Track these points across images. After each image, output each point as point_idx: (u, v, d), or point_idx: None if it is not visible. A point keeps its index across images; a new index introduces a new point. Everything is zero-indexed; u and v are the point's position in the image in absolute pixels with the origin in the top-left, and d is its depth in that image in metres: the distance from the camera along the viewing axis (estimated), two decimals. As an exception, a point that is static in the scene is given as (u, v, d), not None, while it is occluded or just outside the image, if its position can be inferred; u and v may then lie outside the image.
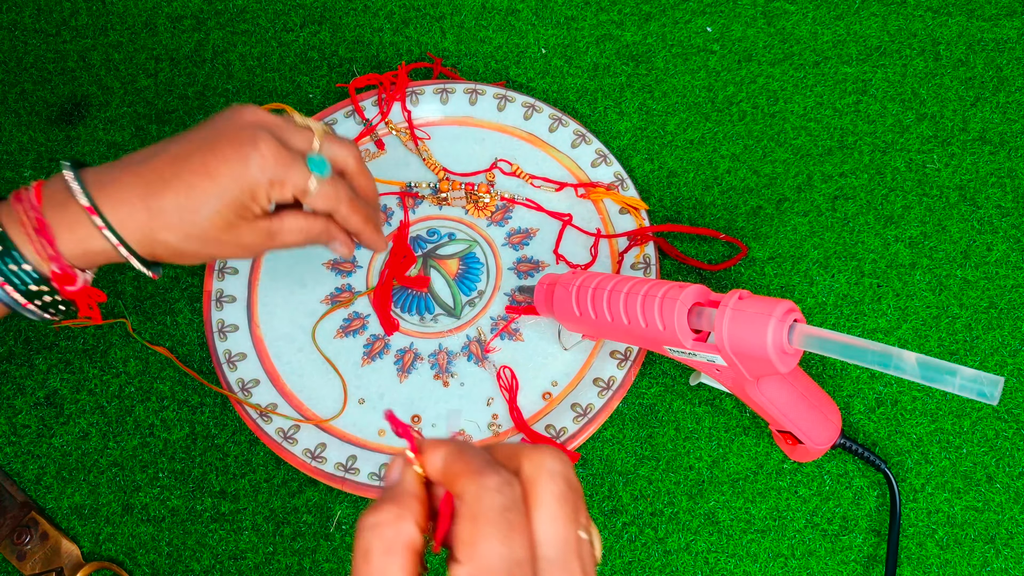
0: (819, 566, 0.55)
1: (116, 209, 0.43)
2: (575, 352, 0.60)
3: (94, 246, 0.43)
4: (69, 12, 0.74)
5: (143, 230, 0.43)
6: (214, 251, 0.45)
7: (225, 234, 0.45)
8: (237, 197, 0.44)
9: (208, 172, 0.43)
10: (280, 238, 0.47)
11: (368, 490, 0.55)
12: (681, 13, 0.73)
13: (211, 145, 0.44)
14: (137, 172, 0.43)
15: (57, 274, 0.43)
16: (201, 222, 0.44)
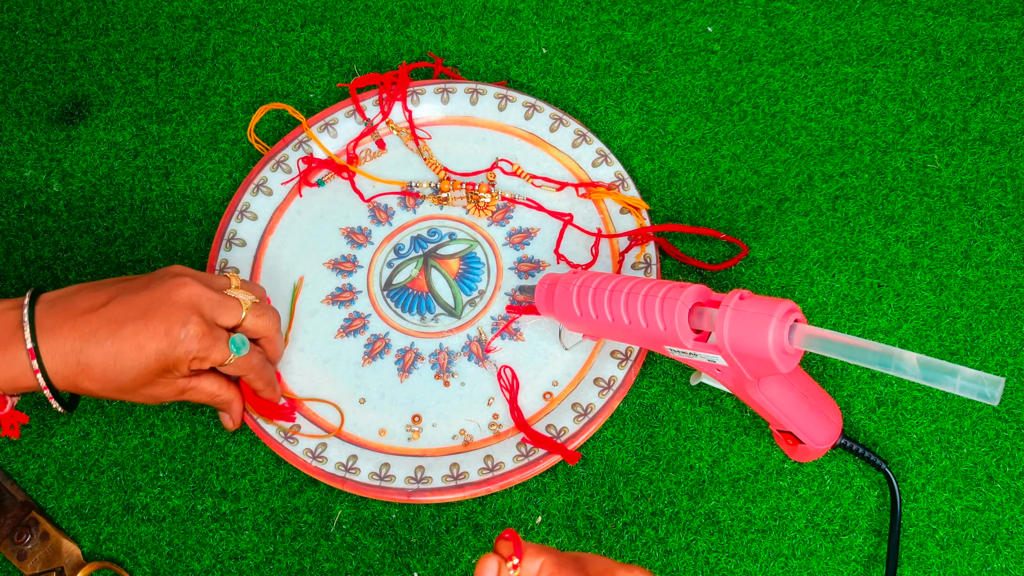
0: (819, 566, 0.55)
1: (53, 356, 0.48)
2: (576, 352, 0.60)
3: (24, 382, 0.48)
4: (70, 12, 0.74)
5: (71, 376, 0.49)
6: (128, 399, 0.51)
7: (142, 388, 0.50)
8: (160, 366, 0.49)
9: (138, 343, 0.48)
10: (189, 394, 0.53)
11: (368, 490, 0.55)
12: (682, 13, 0.73)
13: (145, 318, 0.49)
14: (75, 326, 0.48)
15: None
16: (121, 379, 0.49)
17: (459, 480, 0.56)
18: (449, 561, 0.55)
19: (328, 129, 0.67)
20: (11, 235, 0.65)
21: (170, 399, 0.52)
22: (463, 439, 0.58)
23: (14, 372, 0.48)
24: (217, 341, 0.50)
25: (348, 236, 0.64)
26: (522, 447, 0.57)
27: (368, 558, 0.55)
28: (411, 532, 0.56)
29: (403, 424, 0.58)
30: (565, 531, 0.56)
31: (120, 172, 0.67)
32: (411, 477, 0.56)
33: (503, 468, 0.56)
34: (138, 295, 0.50)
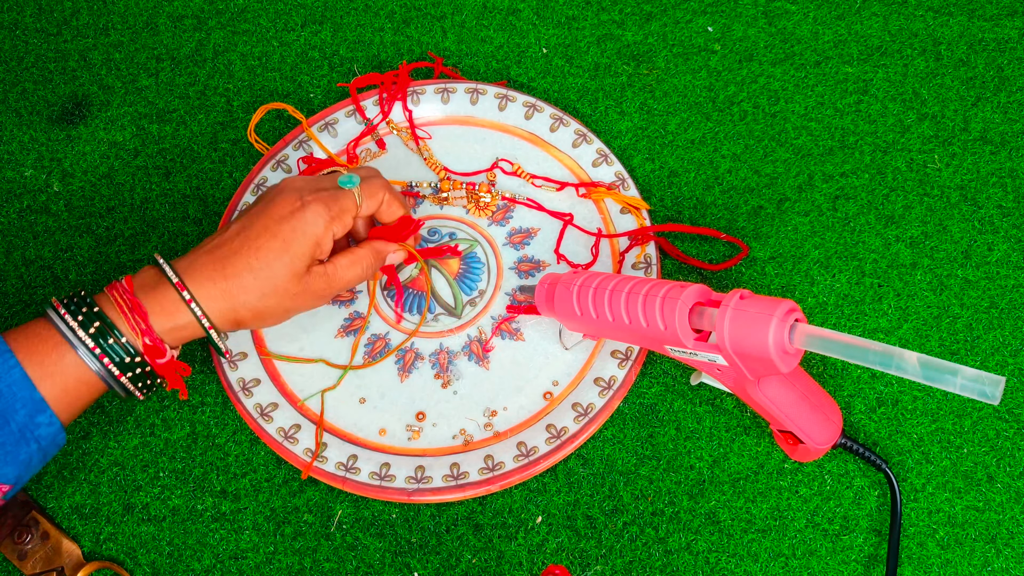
0: (820, 566, 0.55)
1: (200, 285, 0.49)
2: (576, 352, 0.60)
3: (180, 321, 0.49)
4: (70, 11, 0.74)
5: (224, 298, 0.49)
6: (288, 304, 0.51)
7: (296, 284, 0.51)
8: (303, 247, 0.50)
9: (272, 233, 0.50)
10: (339, 276, 0.53)
11: (369, 490, 0.55)
12: (682, 13, 0.73)
13: (270, 217, 0.50)
14: (210, 252, 0.50)
15: (148, 346, 0.48)
16: (273, 277, 0.50)
17: (459, 480, 0.56)
18: (449, 561, 0.55)
19: (328, 129, 0.67)
20: (11, 235, 0.65)
21: (327, 291, 0.52)
22: (463, 439, 0.58)
23: (168, 310, 0.48)
24: (336, 192, 0.52)
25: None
26: (522, 447, 0.57)
27: (368, 558, 0.55)
28: (411, 532, 0.56)
29: (403, 424, 0.58)
30: (565, 531, 0.56)
31: (120, 172, 0.67)
32: (411, 477, 0.56)
33: (503, 468, 0.56)
34: (251, 208, 0.52)
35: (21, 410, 0.45)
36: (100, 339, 0.47)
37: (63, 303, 0.48)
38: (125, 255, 0.64)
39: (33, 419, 0.46)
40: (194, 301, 0.49)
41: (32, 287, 0.63)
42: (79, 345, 0.47)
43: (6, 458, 0.45)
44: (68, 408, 0.48)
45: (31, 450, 0.46)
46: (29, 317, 0.62)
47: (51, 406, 0.46)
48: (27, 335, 0.47)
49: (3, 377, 0.45)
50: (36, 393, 0.46)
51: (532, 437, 0.57)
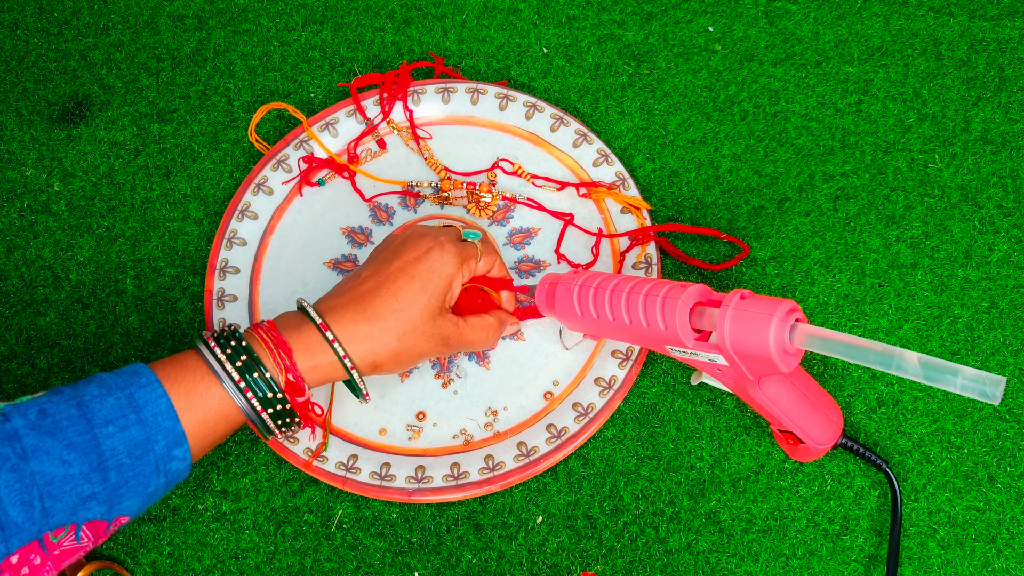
0: (820, 566, 0.55)
1: (342, 326, 0.49)
2: (576, 352, 0.60)
3: (322, 361, 0.49)
4: (71, 11, 0.74)
5: (366, 340, 0.50)
6: (423, 346, 0.52)
7: (431, 326, 0.51)
8: (438, 287, 0.51)
9: (409, 275, 0.51)
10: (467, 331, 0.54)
11: (369, 489, 0.55)
12: (683, 13, 0.73)
13: (401, 255, 0.52)
14: (350, 296, 0.51)
15: (290, 383, 0.48)
16: (412, 318, 0.50)
17: (460, 480, 0.56)
18: (450, 561, 0.55)
19: (329, 128, 0.67)
20: (12, 234, 0.65)
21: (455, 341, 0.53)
22: (463, 439, 0.58)
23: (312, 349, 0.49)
24: (462, 243, 0.54)
25: (349, 235, 0.64)
26: (523, 447, 0.57)
27: (369, 558, 0.55)
28: (412, 532, 0.56)
29: (404, 424, 0.58)
30: (566, 531, 0.56)
31: (121, 171, 0.67)
32: (412, 477, 0.56)
33: (504, 468, 0.56)
34: (383, 253, 0.53)
35: (161, 441, 0.45)
36: (246, 373, 0.47)
37: (213, 337, 0.48)
38: (126, 255, 0.64)
39: (170, 451, 0.45)
40: (337, 341, 0.49)
41: (33, 287, 0.63)
42: (225, 378, 0.47)
43: (137, 488, 0.45)
44: (201, 443, 0.47)
45: (159, 484, 0.46)
46: (31, 317, 0.62)
47: (188, 439, 0.46)
48: (175, 366, 0.47)
49: (150, 405, 0.45)
50: (179, 425, 0.45)
51: (532, 437, 0.57)
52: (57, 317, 0.62)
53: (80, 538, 0.43)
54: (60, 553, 0.43)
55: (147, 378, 0.45)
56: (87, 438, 0.43)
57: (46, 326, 0.62)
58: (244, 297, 0.62)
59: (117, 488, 0.43)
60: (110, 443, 0.43)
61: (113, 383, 0.45)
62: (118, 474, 0.43)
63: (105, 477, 0.43)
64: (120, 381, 0.45)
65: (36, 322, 0.62)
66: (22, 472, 0.41)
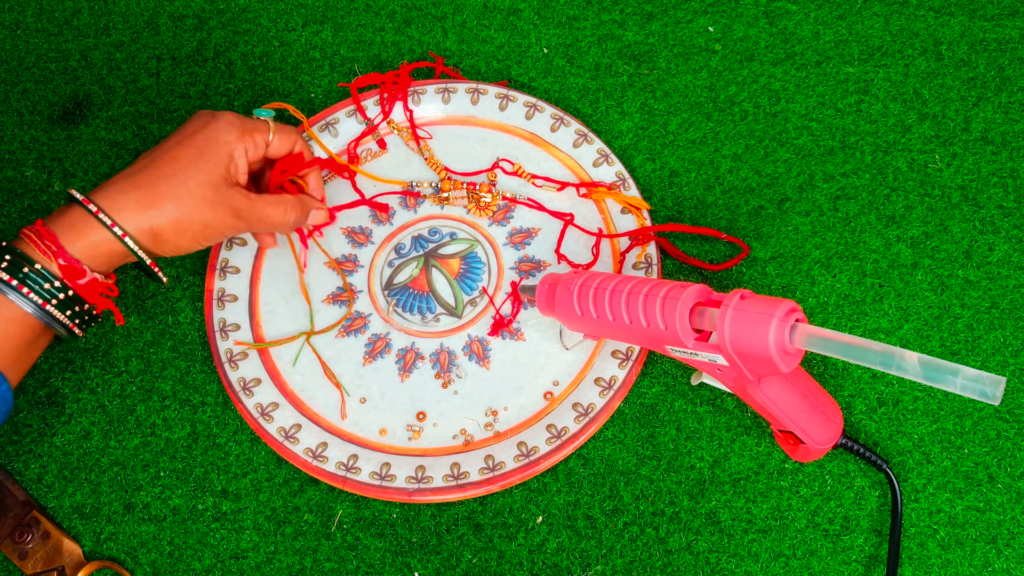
0: (820, 566, 0.55)
1: (111, 199, 0.48)
2: (576, 352, 0.60)
3: (94, 238, 0.47)
4: (71, 11, 0.74)
5: (137, 208, 0.48)
6: (208, 215, 0.50)
7: (213, 193, 0.50)
8: (216, 155, 0.50)
9: (184, 145, 0.50)
10: (260, 205, 0.52)
11: (369, 489, 0.56)
12: (683, 13, 0.73)
13: (184, 133, 0.51)
14: (126, 174, 0.49)
15: (64, 267, 0.46)
16: (188, 182, 0.49)
17: (460, 480, 0.56)
18: (450, 561, 0.55)
19: (329, 129, 0.67)
20: (12, 235, 0.65)
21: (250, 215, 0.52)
22: (464, 439, 0.58)
23: (83, 234, 0.47)
24: (249, 120, 0.53)
25: (349, 235, 0.64)
26: (523, 447, 0.57)
27: (369, 558, 0.55)
28: (412, 532, 0.56)
29: (404, 424, 0.58)
30: (566, 531, 0.56)
31: (121, 172, 0.67)
32: (412, 477, 0.56)
33: (504, 468, 0.56)
34: (171, 136, 0.52)
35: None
36: (16, 272, 0.45)
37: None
38: (126, 255, 0.64)
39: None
40: (103, 212, 0.47)
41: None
42: (10, 292, 0.46)
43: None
44: (10, 361, 0.46)
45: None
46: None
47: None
48: None
49: None
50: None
51: (532, 437, 0.57)
52: (57, 317, 0.62)
53: None
54: None
55: None
56: None
57: (46, 326, 0.62)
58: (244, 297, 0.62)
59: None
60: None
61: None
62: None
63: None
64: None
65: (36, 322, 0.62)
66: None
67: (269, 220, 0.53)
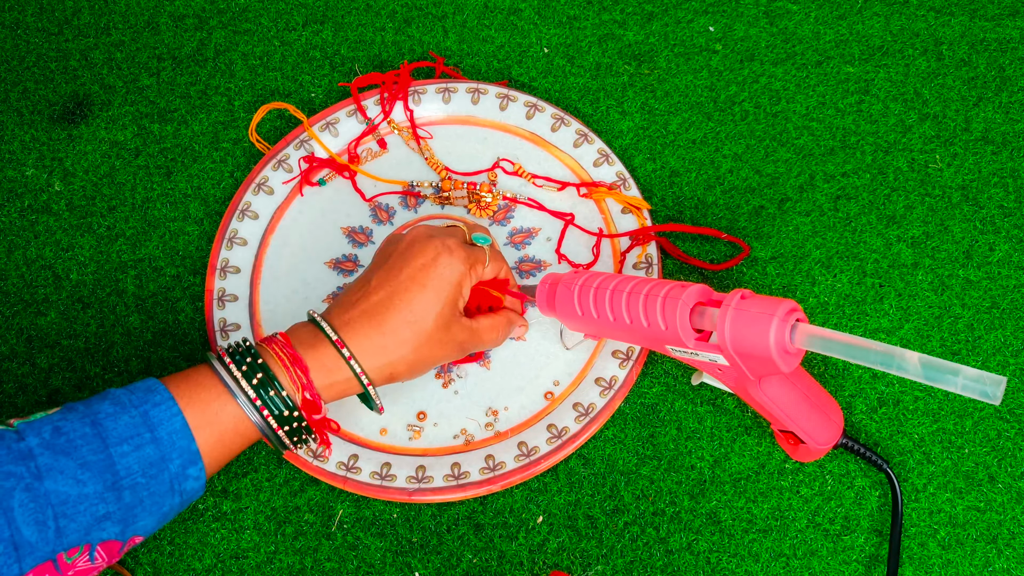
0: (821, 566, 0.55)
1: (358, 343, 0.49)
2: (577, 352, 0.60)
3: (338, 377, 0.49)
4: (71, 11, 0.74)
5: (382, 354, 0.49)
6: (437, 353, 0.51)
7: (445, 334, 0.51)
8: (450, 294, 0.51)
9: (420, 283, 0.50)
10: (481, 333, 0.54)
11: (370, 489, 0.55)
12: (683, 13, 0.73)
13: (409, 262, 0.51)
14: (362, 308, 0.50)
15: (308, 401, 0.48)
16: (427, 328, 0.50)
17: (460, 480, 0.56)
18: (450, 561, 0.55)
19: (329, 128, 0.67)
20: (12, 234, 0.65)
21: (469, 344, 0.53)
22: (464, 439, 0.58)
23: (327, 367, 0.48)
24: (470, 247, 0.53)
25: (349, 235, 0.64)
26: (523, 447, 0.57)
27: (369, 557, 0.55)
28: (412, 531, 0.56)
29: (404, 423, 0.58)
30: (566, 531, 0.56)
31: (121, 171, 0.67)
32: (412, 476, 0.56)
33: (504, 468, 0.56)
34: (388, 259, 0.52)
35: (176, 460, 0.44)
36: (262, 390, 0.46)
37: (228, 353, 0.47)
38: (126, 254, 0.64)
39: (185, 470, 0.45)
40: (354, 359, 0.48)
41: (33, 286, 0.63)
42: (241, 396, 0.46)
43: (151, 508, 0.44)
44: (216, 460, 0.47)
45: (173, 503, 0.45)
46: (31, 317, 0.62)
47: (203, 458, 0.45)
48: (189, 383, 0.46)
49: (165, 424, 0.44)
50: (193, 444, 0.45)
51: (533, 437, 0.57)
52: (58, 317, 0.62)
53: (94, 558, 0.43)
54: (74, 574, 0.42)
55: (161, 395, 0.45)
56: (101, 457, 0.42)
57: (47, 326, 0.62)
58: (245, 297, 0.62)
59: (132, 508, 0.43)
60: (125, 462, 0.43)
61: (127, 400, 0.44)
62: (132, 493, 0.43)
63: (119, 496, 0.42)
64: (134, 398, 0.44)
65: (37, 322, 0.62)
66: (36, 491, 0.40)
67: (485, 343, 0.54)
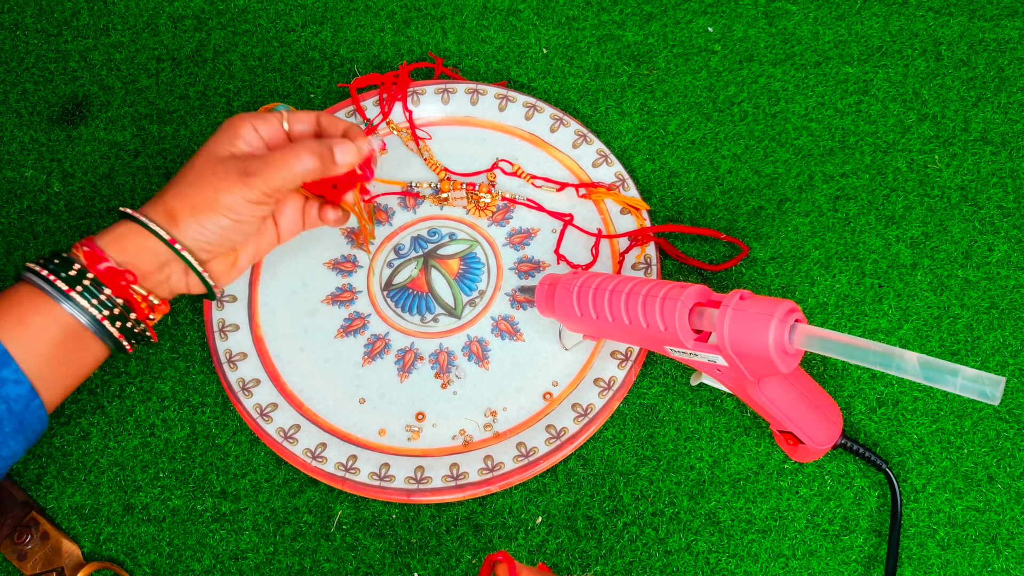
0: (820, 566, 0.55)
1: (152, 208, 0.49)
2: (576, 352, 0.60)
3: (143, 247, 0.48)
4: (71, 12, 0.74)
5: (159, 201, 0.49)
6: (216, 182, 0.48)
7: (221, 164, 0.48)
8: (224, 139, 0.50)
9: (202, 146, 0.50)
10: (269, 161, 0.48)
11: (368, 490, 0.55)
12: (682, 13, 0.73)
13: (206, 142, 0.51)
14: (159, 193, 0.50)
15: (101, 272, 0.46)
16: (193, 161, 0.49)
17: (459, 480, 0.56)
18: (449, 561, 0.55)
19: (328, 129, 0.67)
20: (11, 235, 0.65)
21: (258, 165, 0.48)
22: (463, 439, 0.58)
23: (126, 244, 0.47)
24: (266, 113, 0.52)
25: (348, 236, 0.64)
26: (522, 447, 0.57)
27: (368, 558, 0.55)
28: (411, 532, 0.56)
29: (403, 424, 0.58)
30: (565, 531, 0.56)
31: (121, 172, 0.67)
32: (411, 477, 0.56)
33: (503, 468, 0.56)
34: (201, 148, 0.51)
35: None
36: (60, 271, 0.46)
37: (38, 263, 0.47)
38: (125, 255, 0.64)
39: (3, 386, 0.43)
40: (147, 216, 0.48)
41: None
42: (63, 299, 0.45)
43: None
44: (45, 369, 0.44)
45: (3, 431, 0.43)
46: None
47: (32, 365, 0.44)
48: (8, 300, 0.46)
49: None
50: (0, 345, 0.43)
51: (532, 437, 0.57)
52: (57, 318, 0.62)
53: None
54: None
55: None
56: None
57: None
58: (244, 297, 0.62)
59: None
60: None
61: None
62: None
63: None
64: None
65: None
66: None
67: (285, 169, 0.48)
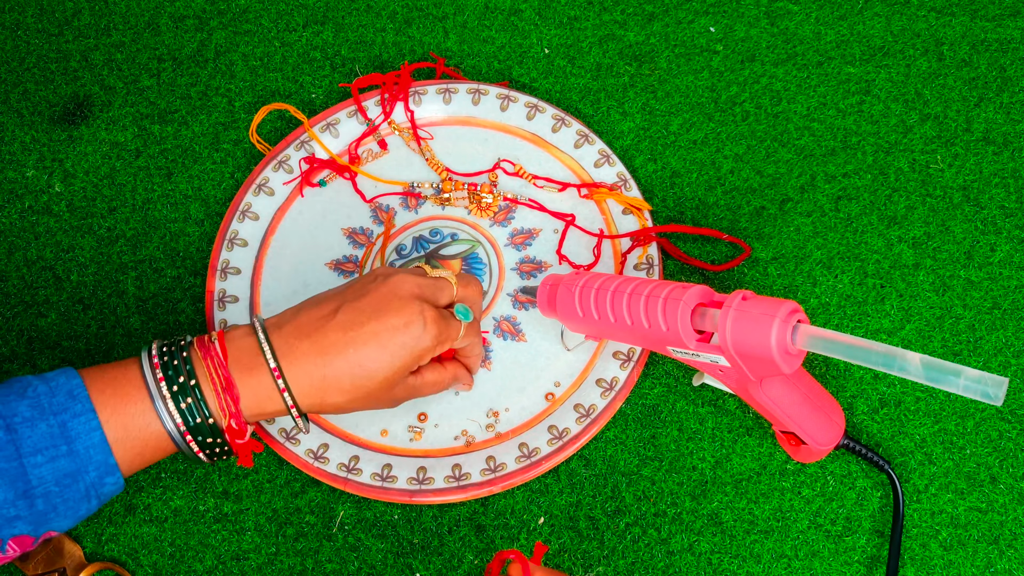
0: (822, 567, 0.55)
1: (295, 373, 0.47)
2: (578, 353, 0.60)
3: (268, 407, 0.48)
4: (72, 12, 0.74)
5: (316, 393, 0.48)
6: (370, 407, 0.51)
7: (386, 392, 0.50)
8: (405, 362, 0.49)
9: (380, 343, 0.48)
10: (420, 391, 0.53)
11: (370, 490, 0.55)
12: (684, 13, 0.73)
13: (379, 317, 0.48)
14: (314, 341, 0.48)
15: (233, 429, 0.47)
16: (370, 385, 0.48)
17: (461, 481, 0.56)
18: (451, 562, 0.55)
19: (330, 129, 0.67)
20: (13, 235, 0.65)
21: (406, 399, 0.52)
22: (465, 440, 0.58)
23: (260, 397, 0.47)
24: (449, 319, 0.51)
25: (350, 236, 0.64)
26: (524, 448, 0.57)
27: (370, 559, 0.55)
28: (413, 533, 0.56)
29: (405, 425, 0.58)
30: (567, 532, 0.56)
31: (122, 172, 0.67)
32: (413, 478, 0.56)
33: (505, 469, 0.56)
34: (362, 299, 0.49)
35: (92, 472, 0.44)
36: (188, 415, 0.46)
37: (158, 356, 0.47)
38: (127, 255, 0.64)
39: (102, 480, 0.45)
40: (288, 392, 0.47)
41: (33, 288, 0.63)
42: (166, 417, 0.46)
43: (67, 512, 0.45)
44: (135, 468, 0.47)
45: (90, 507, 0.46)
46: (32, 318, 0.62)
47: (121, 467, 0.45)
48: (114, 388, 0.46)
49: (83, 438, 0.44)
50: (111, 458, 0.45)
51: (534, 438, 0.57)
52: (58, 318, 0.62)
53: (6, 550, 0.44)
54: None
55: (83, 406, 0.44)
56: (14, 464, 0.42)
57: (47, 327, 0.62)
58: (245, 298, 0.62)
59: (44, 513, 0.43)
60: (38, 472, 0.43)
61: (47, 404, 0.44)
62: (45, 501, 0.43)
63: (31, 504, 0.43)
64: (54, 404, 0.44)
65: (37, 323, 0.62)
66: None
67: (420, 396, 0.53)
